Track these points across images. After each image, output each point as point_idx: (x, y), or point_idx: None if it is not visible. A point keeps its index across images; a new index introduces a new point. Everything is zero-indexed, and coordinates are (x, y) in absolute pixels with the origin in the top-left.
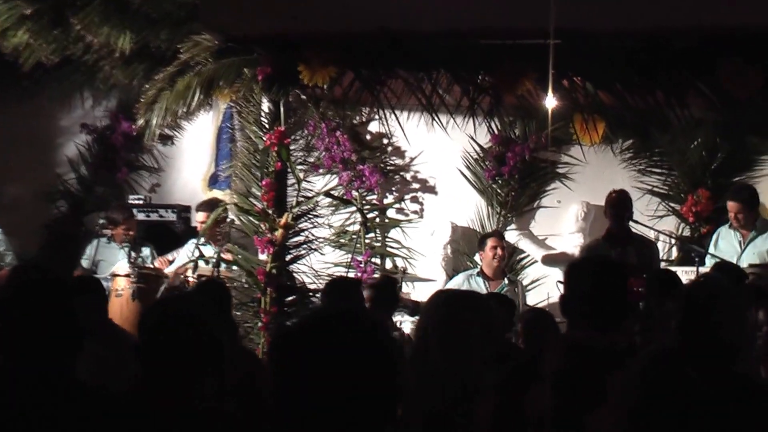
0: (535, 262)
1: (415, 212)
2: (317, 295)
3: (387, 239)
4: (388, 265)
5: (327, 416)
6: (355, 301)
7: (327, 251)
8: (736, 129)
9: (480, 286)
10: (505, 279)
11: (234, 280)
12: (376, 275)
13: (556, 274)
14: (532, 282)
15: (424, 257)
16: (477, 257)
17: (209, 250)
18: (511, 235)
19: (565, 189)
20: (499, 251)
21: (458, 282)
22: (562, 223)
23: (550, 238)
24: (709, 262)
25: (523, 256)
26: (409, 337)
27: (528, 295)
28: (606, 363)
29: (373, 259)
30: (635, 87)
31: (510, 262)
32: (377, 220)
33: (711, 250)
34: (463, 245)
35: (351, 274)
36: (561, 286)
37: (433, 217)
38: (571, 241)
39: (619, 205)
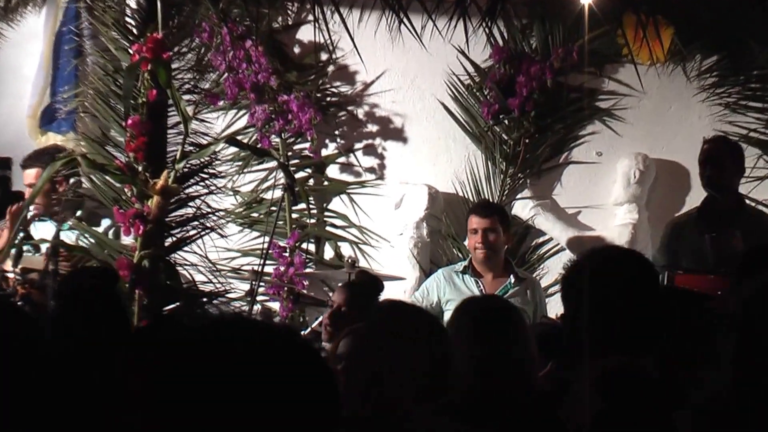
0: (561, 249)
1: (372, 170)
2: (218, 300)
3: (327, 214)
4: (329, 253)
5: None
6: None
7: (231, 231)
8: None
9: (469, 287)
10: (511, 276)
11: None
12: (311, 270)
13: None
14: (556, 281)
15: (387, 243)
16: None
17: (44, 229)
18: (523, 207)
19: (608, 134)
20: (482, 236)
21: (433, 283)
22: (603, 188)
23: (584, 211)
24: None
25: (542, 239)
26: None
27: (550, 300)
28: (655, 398)
29: (303, 245)
30: None
31: (521, 249)
32: (311, 182)
33: None
34: (448, 224)
35: (271, 268)
36: None
37: (399, 179)
38: (618, 217)
39: (718, 161)
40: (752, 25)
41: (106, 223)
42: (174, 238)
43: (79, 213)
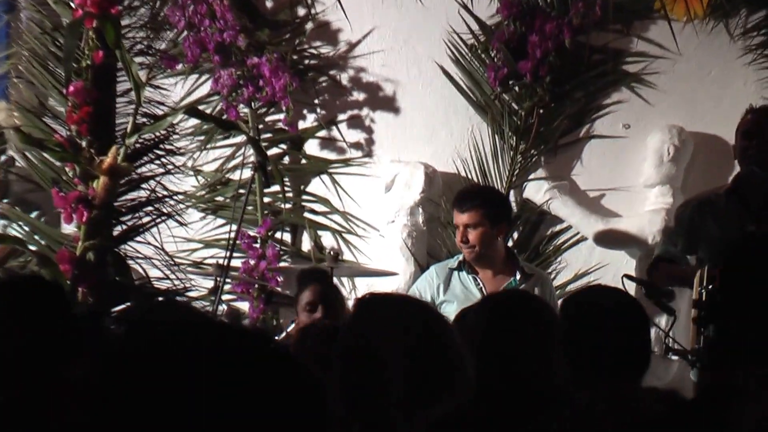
0: (582, 239)
1: (358, 147)
2: (179, 298)
3: (305, 197)
4: (307, 245)
5: None
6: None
7: (192, 219)
8: None
9: (466, 286)
10: (516, 273)
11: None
12: (286, 263)
13: (621, 261)
14: (576, 277)
15: (375, 232)
16: None
17: None
18: (536, 190)
19: (637, 103)
20: (462, 234)
21: (425, 284)
22: (631, 168)
23: (609, 194)
24: None
25: (558, 228)
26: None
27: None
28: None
29: (277, 234)
30: None
31: (534, 239)
32: (286, 160)
33: None
34: (448, 209)
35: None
36: (629, 284)
37: (390, 156)
38: (649, 201)
39: (766, 134)
40: None
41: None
42: (124, 227)
43: (6, 198)
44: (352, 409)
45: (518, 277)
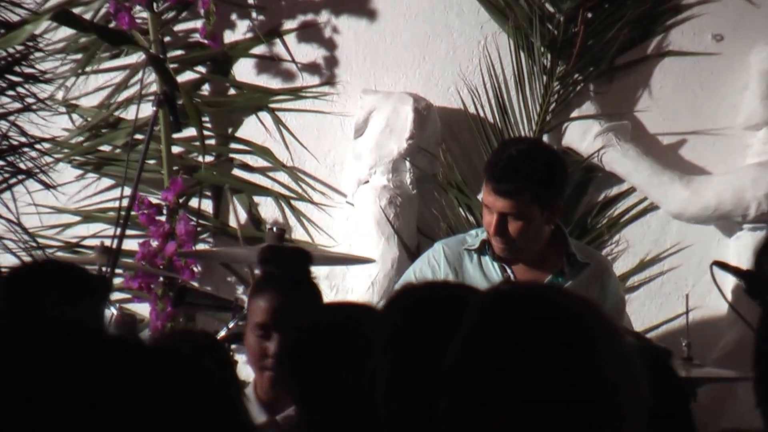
0: (650, 208)
1: (314, 70)
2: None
3: (235, 146)
4: (234, 218)
5: None
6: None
7: (65, 178)
8: None
9: (491, 277)
10: (564, 261)
11: None
12: (206, 246)
13: (709, 241)
14: (641, 265)
15: (340, 197)
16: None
17: None
18: (581, 134)
19: (736, 4)
20: (498, 224)
21: (426, 268)
22: (725, 100)
23: (691, 140)
24: None
25: (614, 191)
26: None
27: (631, 299)
28: None
29: (193, 202)
30: None
31: (577, 208)
32: (205, 90)
33: None
34: (450, 163)
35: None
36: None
37: (362, 84)
38: (752, 149)
39: None
40: None
41: None
42: None
43: None
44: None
45: (566, 267)
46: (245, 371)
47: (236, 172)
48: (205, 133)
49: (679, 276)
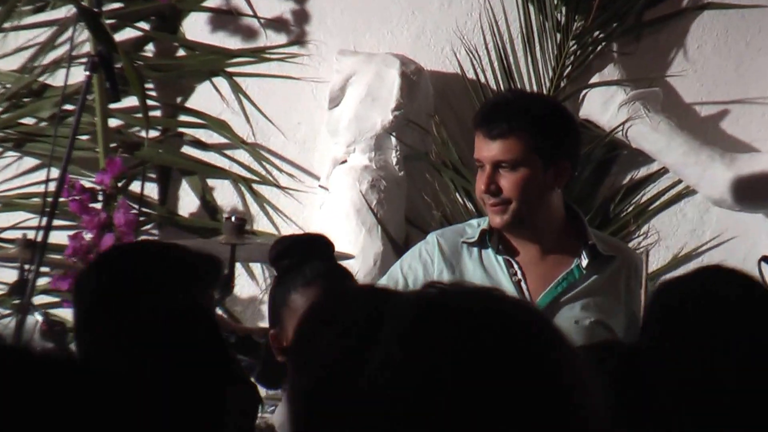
0: (685, 192)
1: (281, 26)
2: None
3: (184, 119)
4: (188, 204)
5: None
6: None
7: None
8: None
9: (493, 273)
10: (582, 254)
11: None
12: (150, 238)
13: (758, 233)
14: (675, 261)
15: (312, 180)
16: None
17: None
18: (604, 102)
19: None
20: (488, 177)
21: (416, 263)
22: None
23: (735, 110)
24: None
25: (643, 172)
26: None
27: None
28: None
29: (134, 186)
30: None
31: (599, 192)
32: (149, 51)
33: None
34: (445, 140)
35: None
36: None
37: (339, 43)
38: None
39: None
40: None
41: None
42: None
43: None
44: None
45: (584, 261)
46: None
47: (186, 149)
48: (149, 103)
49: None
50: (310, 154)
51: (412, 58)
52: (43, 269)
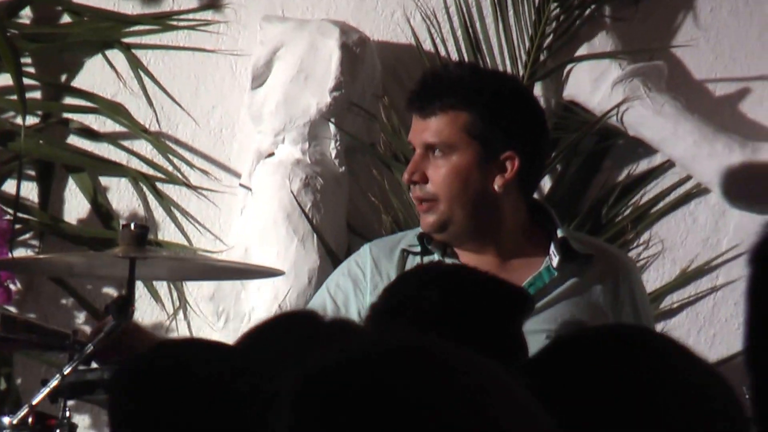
0: (696, 191)
1: None
2: None
3: (70, 100)
4: (75, 208)
5: None
6: None
7: None
8: None
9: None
10: (550, 253)
11: None
12: (29, 253)
13: None
14: (684, 276)
15: (232, 178)
16: None
17: None
18: (593, 82)
19: None
20: (413, 166)
21: (347, 281)
22: None
23: (754, 88)
24: None
25: (644, 166)
26: None
27: (675, 331)
28: None
29: (8, 186)
30: None
31: (586, 194)
32: (24, 17)
33: None
34: (395, 126)
35: None
36: None
37: (263, 8)
38: None
39: None
40: None
41: None
42: None
43: None
44: None
45: (554, 259)
46: None
47: (72, 140)
48: (26, 81)
49: (739, 294)
50: (227, 145)
51: (354, 26)
52: None
